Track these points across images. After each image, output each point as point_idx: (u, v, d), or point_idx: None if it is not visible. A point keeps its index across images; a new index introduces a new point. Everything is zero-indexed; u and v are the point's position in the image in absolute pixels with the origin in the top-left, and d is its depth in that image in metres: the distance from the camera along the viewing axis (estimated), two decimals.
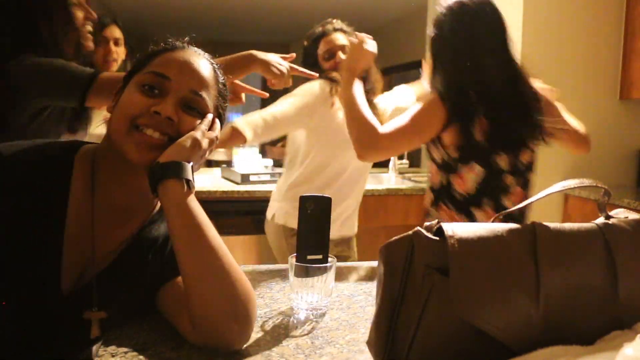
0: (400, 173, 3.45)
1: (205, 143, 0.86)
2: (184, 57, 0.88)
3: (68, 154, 0.88)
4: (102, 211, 0.86)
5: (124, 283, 0.87)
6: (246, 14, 6.57)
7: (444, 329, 0.60)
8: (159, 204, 0.93)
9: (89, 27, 1.39)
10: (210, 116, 0.89)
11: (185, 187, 0.81)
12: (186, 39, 0.94)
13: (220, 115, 0.93)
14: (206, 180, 2.88)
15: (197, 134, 0.85)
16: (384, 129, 1.38)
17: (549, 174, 2.98)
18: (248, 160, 2.95)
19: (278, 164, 3.14)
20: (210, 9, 6.28)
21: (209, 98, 0.89)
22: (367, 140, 1.38)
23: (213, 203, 2.55)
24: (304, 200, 0.93)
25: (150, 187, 0.81)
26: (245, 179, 2.75)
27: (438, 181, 1.47)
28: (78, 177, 0.86)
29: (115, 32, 2.19)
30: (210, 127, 0.89)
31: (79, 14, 1.36)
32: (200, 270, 0.77)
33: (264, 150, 3.30)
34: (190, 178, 0.82)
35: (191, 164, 0.83)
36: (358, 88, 1.46)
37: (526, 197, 1.50)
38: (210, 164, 3.69)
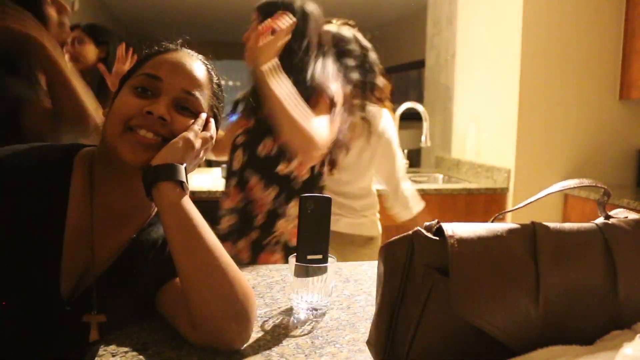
0: None
1: (198, 143, 0.85)
2: (175, 58, 0.89)
3: (67, 156, 0.88)
4: (101, 214, 0.86)
5: (124, 286, 0.87)
6: (246, 14, 6.56)
7: (444, 328, 0.60)
8: (155, 208, 0.93)
9: (65, 20, 1.41)
10: (203, 115, 0.88)
11: (179, 189, 0.80)
12: (179, 40, 0.95)
13: (215, 116, 0.93)
14: (206, 180, 2.88)
15: (190, 134, 0.84)
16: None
17: (549, 174, 2.98)
18: None
19: None
20: (210, 9, 6.28)
21: (202, 98, 0.89)
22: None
23: (213, 203, 2.54)
24: (304, 200, 0.93)
25: (145, 190, 0.81)
26: None
27: None
28: (77, 179, 0.86)
29: (74, 32, 2.26)
30: (205, 127, 0.89)
31: (52, 13, 1.37)
32: (198, 271, 0.77)
33: None
34: (184, 179, 0.81)
35: (184, 165, 0.82)
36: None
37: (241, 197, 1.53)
38: (210, 164, 3.69)
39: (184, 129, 0.85)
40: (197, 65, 0.90)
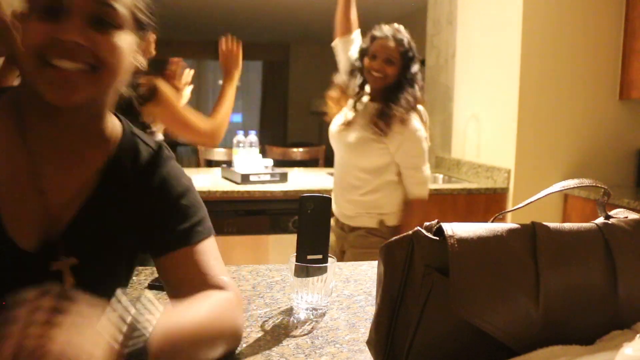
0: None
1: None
2: None
3: None
4: (42, 156, 0.77)
5: (97, 228, 0.80)
6: (246, 14, 6.57)
7: (444, 328, 0.60)
8: (118, 137, 0.83)
9: None
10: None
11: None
12: None
13: (142, 25, 0.79)
14: (206, 180, 2.88)
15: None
16: None
17: (549, 174, 2.98)
18: (248, 160, 2.95)
19: (278, 164, 3.14)
20: (210, 9, 6.28)
21: (122, 7, 0.74)
22: None
23: (213, 203, 2.55)
24: (304, 200, 0.93)
25: None
26: (245, 179, 2.75)
27: None
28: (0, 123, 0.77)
29: None
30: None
31: None
32: None
33: (264, 150, 3.30)
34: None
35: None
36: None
37: None
38: (210, 164, 3.69)
39: (110, 50, 0.72)
40: None
